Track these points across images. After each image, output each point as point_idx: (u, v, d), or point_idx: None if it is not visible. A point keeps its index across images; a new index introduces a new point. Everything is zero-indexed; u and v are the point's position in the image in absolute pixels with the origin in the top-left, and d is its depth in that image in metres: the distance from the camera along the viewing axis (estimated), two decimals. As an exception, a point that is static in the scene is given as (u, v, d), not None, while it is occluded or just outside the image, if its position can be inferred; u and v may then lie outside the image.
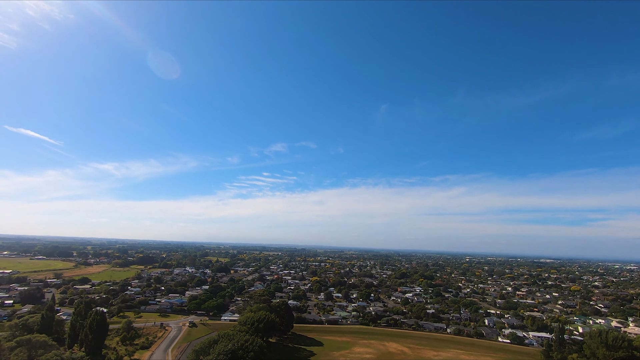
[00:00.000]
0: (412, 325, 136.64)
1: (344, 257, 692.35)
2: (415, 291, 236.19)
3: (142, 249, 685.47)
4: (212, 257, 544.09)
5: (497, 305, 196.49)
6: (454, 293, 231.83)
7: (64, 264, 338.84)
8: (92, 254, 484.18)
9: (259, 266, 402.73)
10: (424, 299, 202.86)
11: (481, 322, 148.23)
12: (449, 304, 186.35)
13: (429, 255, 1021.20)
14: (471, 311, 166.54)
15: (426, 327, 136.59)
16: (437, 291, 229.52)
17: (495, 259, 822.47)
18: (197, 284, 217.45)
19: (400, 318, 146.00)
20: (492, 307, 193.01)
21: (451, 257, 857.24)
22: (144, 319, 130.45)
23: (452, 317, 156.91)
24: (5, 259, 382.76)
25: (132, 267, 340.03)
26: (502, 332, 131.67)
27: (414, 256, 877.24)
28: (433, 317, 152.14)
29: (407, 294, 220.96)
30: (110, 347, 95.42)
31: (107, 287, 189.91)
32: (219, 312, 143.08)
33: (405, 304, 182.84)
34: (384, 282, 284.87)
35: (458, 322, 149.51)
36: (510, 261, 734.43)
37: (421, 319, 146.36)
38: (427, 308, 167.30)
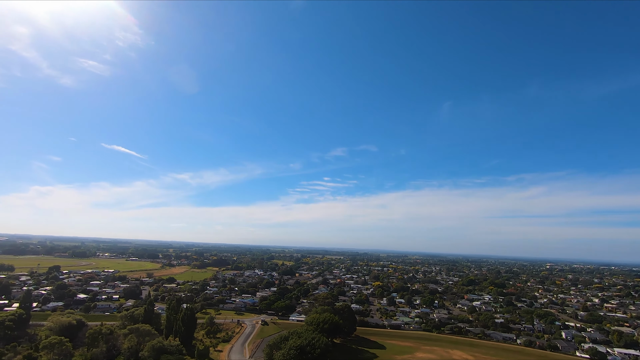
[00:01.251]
0: (478, 334, 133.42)
1: (407, 262, 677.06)
2: (484, 299, 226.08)
3: (216, 251, 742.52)
4: (278, 260, 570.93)
5: (579, 318, 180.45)
6: (528, 303, 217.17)
7: (152, 265, 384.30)
8: (174, 256, 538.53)
9: (322, 270, 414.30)
10: (493, 308, 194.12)
11: (557, 335, 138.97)
12: (521, 314, 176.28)
13: (503, 261, 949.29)
14: (546, 322, 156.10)
15: (493, 336, 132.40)
16: (508, 300, 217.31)
17: (583, 266, 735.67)
18: (266, 285, 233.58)
19: (466, 326, 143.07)
20: (572, 319, 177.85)
21: (528, 264, 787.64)
22: (223, 316, 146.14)
23: (523, 327, 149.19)
24: (107, 259, 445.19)
25: (209, 268, 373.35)
26: (581, 347, 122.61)
27: (485, 262, 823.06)
28: (502, 326, 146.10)
29: (475, 302, 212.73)
30: (197, 339, 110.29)
31: (189, 286, 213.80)
32: (287, 313, 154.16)
33: (471, 312, 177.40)
34: (450, 289, 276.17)
35: (530, 333, 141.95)
36: (602, 269, 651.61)
37: (488, 328, 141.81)
38: (496, 317, 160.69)
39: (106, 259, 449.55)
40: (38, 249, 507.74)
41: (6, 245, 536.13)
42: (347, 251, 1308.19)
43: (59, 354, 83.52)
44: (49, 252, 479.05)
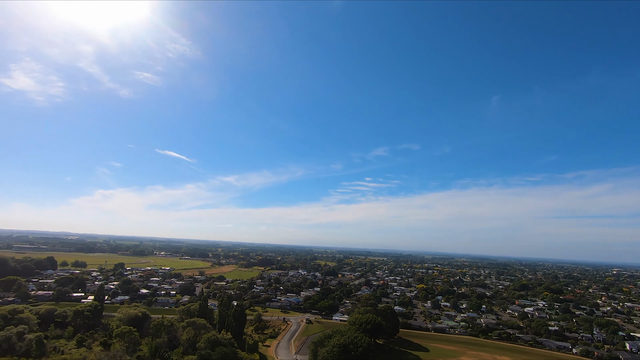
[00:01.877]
0: (529, 342, 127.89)
1: (453, 265, 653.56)
2: (537, 305, 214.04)
3: (260, 251, 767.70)
4: (321, 260, 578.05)
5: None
6: (588, 311, 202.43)
7: (203, 264, 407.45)
8: (223, 255, 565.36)
9: (364, 271, 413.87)
10: (547, 315, 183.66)
11: (620, 346, 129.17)
12: (579, 322, 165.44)
13: (561, 265, 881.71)
14: (608, 332, 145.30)
15: (546, 344, 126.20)
16: (565, 307, 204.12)
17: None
18: (309, 285, 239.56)
19: (515, 332, 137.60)
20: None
21: (591, 269, 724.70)
22: (269, 313, 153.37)
23: (580, 337, 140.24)
24: (163, 258, 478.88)
25: (254, 268, 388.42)
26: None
27: (540, 266, 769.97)
28: (556, 334, 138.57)
29: (527, 307, 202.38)
30: (247, 334, 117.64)
31: (238, 284, 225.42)
32: (330, 312, 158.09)
33: (522, 319, 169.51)
34: (500, 293, 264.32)
35: (588, 343, 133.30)
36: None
37: (541, 336, 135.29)
38: (550, 324, 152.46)
39: (162, 257, 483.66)
40: (104, 248, 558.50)
41: (78, 243, 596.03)
42: (390, 252, 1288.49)
43: (129, 341, 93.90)
44: (113, 250, 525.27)
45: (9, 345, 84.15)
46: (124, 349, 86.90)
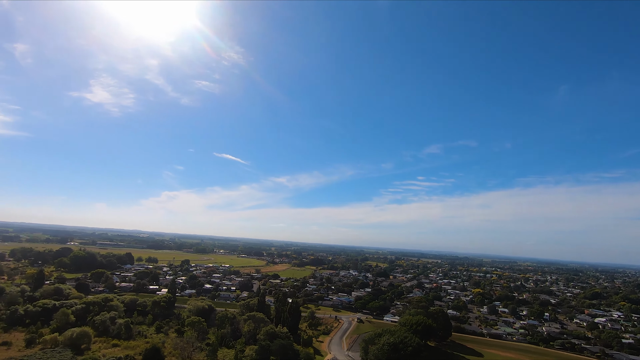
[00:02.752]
0: (597, 353, 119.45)
1: (515, 269, 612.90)
2: (611, 316, 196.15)
3: (312, 251, 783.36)
4: (372, 261, 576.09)
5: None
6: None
7: (258, 262, 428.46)
8: (276, 254, 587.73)
9: (417, 273, 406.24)
10: (622, 327, 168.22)
11: None
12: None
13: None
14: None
15: (617, 357, 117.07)
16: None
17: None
18: (360, 286, 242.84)
19: (581, 343, 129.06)
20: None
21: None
22: (322, 311, 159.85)
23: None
24: (222, 255, 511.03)
25: (307, 267, 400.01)
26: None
27: (620, 273, 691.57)
28: (631, 348, 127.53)
29: (598, 318, 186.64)
30: (301, 329, 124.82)
31: (291, 282, 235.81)
32: (381, 313, 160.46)
33: (591, 329, 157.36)
34: (567, 301, 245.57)
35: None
36: None
37: (611, 348, 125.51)
38: (624, 337, 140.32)
39: (221, 255, 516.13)
40: (171, 245, 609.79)
41: (149, 241, 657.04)
42: (444, 255, 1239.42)
43: (198, 330, 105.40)
44: (178, 248, 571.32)
45: (104, 328, 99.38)
46: (195, 336, 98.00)
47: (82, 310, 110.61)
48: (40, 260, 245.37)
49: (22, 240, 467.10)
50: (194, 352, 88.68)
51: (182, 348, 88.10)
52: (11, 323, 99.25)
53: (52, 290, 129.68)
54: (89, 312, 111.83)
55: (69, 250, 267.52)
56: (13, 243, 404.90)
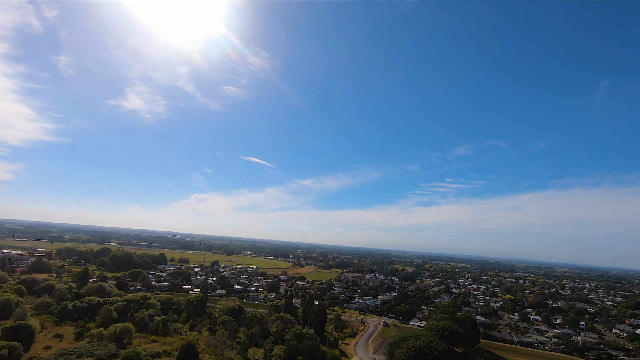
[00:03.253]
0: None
1: (550, 275, 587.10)
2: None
3: (338, 254, 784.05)
4: (398, 265, 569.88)
5: None
6: None
7: (285, 264, 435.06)
8: (302, 256, 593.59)
9: (445, 278, 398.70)
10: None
11: None
12: None
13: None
14: None
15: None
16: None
17: None
18: (386, 289, 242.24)
19: (620, 354, 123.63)
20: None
21: None
22: (347, 314, 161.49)
23: None
24: (249, 257, 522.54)
25: (332, 270, 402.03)
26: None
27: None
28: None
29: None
30: (327, 331, 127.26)
31: (317, 285, 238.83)
32: (407, 317, 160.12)
33: (632, 340, 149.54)
34: (606, 310, 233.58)
35: None
36: None
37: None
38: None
39: (249, 257, 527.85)
40: (200, 246, 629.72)
41: (180, 242, 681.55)
42: (474, 259, 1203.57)
43: (229, 329, 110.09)
44: (208, 249, 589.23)
45: (144, 324, 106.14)
46: (227, 335, 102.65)
47: (123, 307, 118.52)
48: (83, 260, 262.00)
49: (65, 240, 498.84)
50: (226, 350, 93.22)
51: (215, 345, 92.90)
52: (62, 317, 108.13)
53: (96, 288, 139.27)
54: (129, 309, 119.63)
55: (108, 251, 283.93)
56: (58, 243, 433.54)
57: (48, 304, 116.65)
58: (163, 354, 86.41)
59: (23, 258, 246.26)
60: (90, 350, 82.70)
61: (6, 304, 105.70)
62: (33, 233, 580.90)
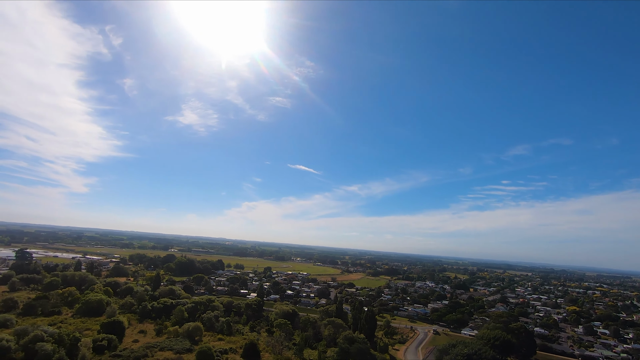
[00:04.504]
0: None
1: (627, 286, 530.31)
2: None
3: (386, 260, 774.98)
4: (450, 272, 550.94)
5: None
6: None
7: (333, 270, 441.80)
8: (350, 263, 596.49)
9: (501, 287, 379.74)
10: None
11: None
12: None
13: None
14: None
15: None
16: None
17: None
18: (437, 298, 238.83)
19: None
20: None
21: None
22: (397, 321, 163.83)
23: None
24: (299, 263, 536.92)
25: (381, 277, 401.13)
26: None
27: None
28: None
29: None
30: (377, 337, 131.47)
31: (366, 292, 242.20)
32: (459, 326, 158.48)
33: None
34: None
35: None
36: None
37: None
38: None
39: (298, 263, 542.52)
40: (253, 253, 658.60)
41: (234, 248, 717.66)
42: (536, 267, 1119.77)
43: (285, 331, 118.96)
44: (260, 255, 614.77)
45: (210, 324, 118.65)
46: (283, 336, 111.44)
47: (192, 308, 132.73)
48: (152, 265, 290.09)
49: (135, 247, 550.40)
50: (283, 350, 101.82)
51: (274, 345, 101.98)
52: (143, 315, 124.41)
53: (167, 291, 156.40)
54: (197, 310, 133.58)
55: (173, 257, 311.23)
56: (129, 249, 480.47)
57: (131, 304, 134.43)
58: (229, 351, 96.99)
59: (104, 263, 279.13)
60: (169, 345, 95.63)
61: (99, 303, 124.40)
62: (107, 240, 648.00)
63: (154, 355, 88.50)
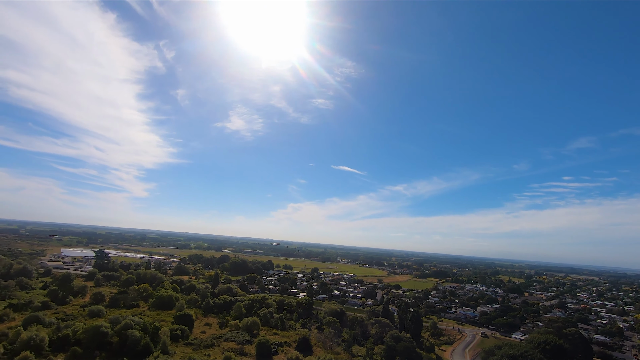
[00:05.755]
0: None
1: None
2: None
3: (435, 262, 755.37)
4: (504, 275, 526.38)
5: None
6: None
7: (380, 272, 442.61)
8: (397, 265, 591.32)
9: (561, 292, 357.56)
10: None
11: None
12: None
13: None
14: None
15: None
16: None
17: None
18: (487, 301, 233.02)
19: None
20: None
21: None
22: (444, 323, 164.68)
23: None
24: (345, 264, 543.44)
25: (429, 279, 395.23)
26: None
27: None
28: None
29: None
30: (423, 337, 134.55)
31: (413, 294, 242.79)
32: (509, 330, 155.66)
33: None
34: None
35: None
36: None
37: None
38: None
39: (344, 264, 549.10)
40: (299, 254, 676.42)
41: (281, 249, 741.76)
42: (605, 270, 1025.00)
43: (334, 329, 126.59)
44: (306, 256, 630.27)
45: (266, 320, 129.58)
46: (332, 333, 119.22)
47: (248, 305, 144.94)
48: (209, 265, 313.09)
49: (191, 247, 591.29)
50: (333, 345, 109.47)
51: (324, 341, 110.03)
52: (206, 310, 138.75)
53: (225, 289, 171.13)
54: (252, 307, 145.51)
55: (227, 258, 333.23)
56: (186, 250, 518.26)
57: (195, 300, 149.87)
58: (284, 344, 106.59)
59: (167, 262, 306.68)
60: (232, 337, 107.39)
61: (170, 298, 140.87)
62: (167, 241, 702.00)
63: (220, 345, 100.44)
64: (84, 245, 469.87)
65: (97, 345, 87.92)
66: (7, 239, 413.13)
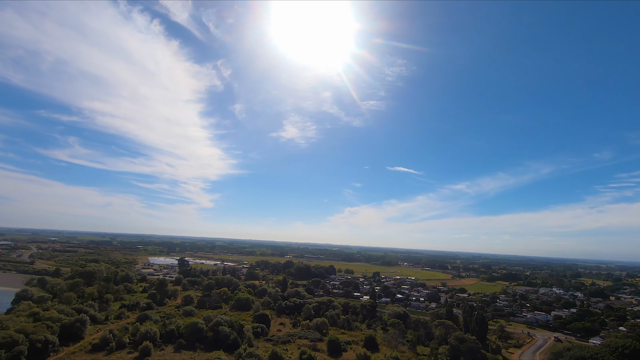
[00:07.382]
0: None
1: None
2: None
3: (504, 264, 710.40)
4: (586, 278, 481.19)
5: None
6: None
7: (443, 275, 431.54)
8: (462, 267, 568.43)
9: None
10: None
11: None
12: None
13: None
14: None
15: None
16: None
17: None
18: (563, 305, 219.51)
19: None
20: None
21: None
22: (512, 327, 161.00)
23: None
24: (406, 268, 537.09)
25: (497, 282, 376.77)
26: None
27: None
28: None
29: None
30: (489, 340, 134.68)
31: (480, 297, 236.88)
32: (587, 335, 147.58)
33: None
34: None
35: None
36: None
37: None
38: None
39: (405, 268, 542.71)
40: (359, 258, 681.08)
41: (341, 254, 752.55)
42: None
43: (398, 329, 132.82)
44: (367, 260, 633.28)
45: (333, 320, 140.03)
46: (397, 334, 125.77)
47: (316, 307, 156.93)
48: (275, 270, 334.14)
49: (256, 254, 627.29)
50: (398, 345, 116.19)
51: (389, 340, 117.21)
52: (279, 312, 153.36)
53: (294, 292, 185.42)
54: (320, 309, 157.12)
55: (291, 263, 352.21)
56: (252, 256, 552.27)
57: (268, 302, 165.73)
58: (352, 343, 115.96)
59: (238, 269, 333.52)
60: (305, 335, 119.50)
61: (247, 300, 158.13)
62: (234, 249, 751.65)
63: (295, 342, 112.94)
64: (165, 254, 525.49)
65: (197, 338, 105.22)
66: (105, 250, 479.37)
